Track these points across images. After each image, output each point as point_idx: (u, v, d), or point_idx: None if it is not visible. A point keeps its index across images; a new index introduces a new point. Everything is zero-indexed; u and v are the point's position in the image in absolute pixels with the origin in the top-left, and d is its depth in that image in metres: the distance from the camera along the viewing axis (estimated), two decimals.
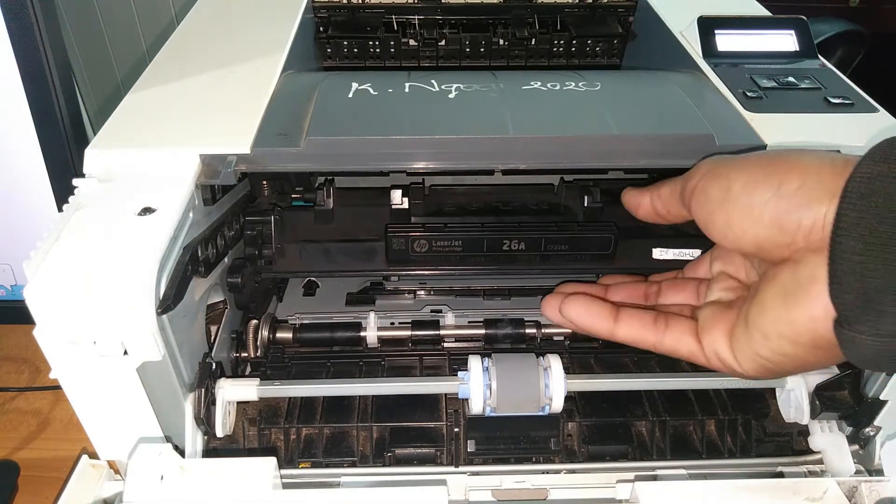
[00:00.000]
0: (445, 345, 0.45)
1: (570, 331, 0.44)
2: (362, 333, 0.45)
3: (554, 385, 0.36)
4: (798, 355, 0.27)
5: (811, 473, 0.37)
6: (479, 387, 0.36)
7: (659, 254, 0.42)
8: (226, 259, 0.41)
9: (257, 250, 0.43)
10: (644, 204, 0.34)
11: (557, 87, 0.42)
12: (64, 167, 0.47)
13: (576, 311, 0.33)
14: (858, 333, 0.24)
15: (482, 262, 0.44)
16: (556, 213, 0.46)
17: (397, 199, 0.45)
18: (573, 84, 0.42)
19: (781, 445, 0.39)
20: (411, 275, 0.47)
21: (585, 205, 0.44)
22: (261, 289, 0.47)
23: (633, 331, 0.32)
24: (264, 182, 0.45)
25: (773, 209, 0.26)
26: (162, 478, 0.31)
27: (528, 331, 0.44)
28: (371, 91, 0.41)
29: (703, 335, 0.30)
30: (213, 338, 0.40)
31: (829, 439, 0.37)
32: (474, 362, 0.37)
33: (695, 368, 0.33)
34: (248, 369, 0.43)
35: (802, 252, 0.26)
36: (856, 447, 0.37)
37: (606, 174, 0.47)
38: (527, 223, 0.44)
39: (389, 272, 0.45)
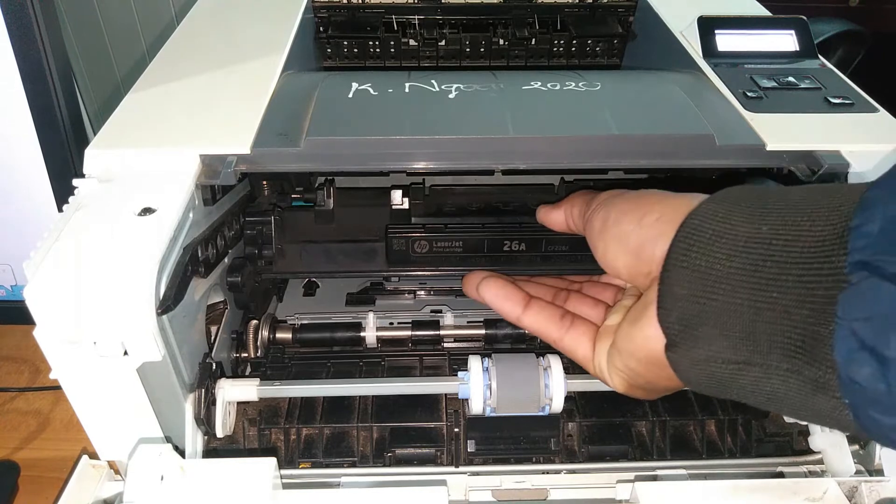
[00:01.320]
0: (445, 345, 0.45)
1: None
2: (362, 333, 0.45)
3: (554, 385, 0.36)
4: (642, 372, 0.28)
5: (811, 473, 0.37)
6: (479, 387, 0.36)
7: None
8: (226, 259, 0.41)
9: (257, 250, 0.44)
10: (559, 222, 0.37)
11: (557, 87, 0.42)
12: (64, 167, 0.47)
13: (490, 292, 0.36)
14: (679, 357, 0.26)
15: (483, 263, 0.44)
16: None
17: (398, 199, 0.45)
18: (573, 84, 0.42)
19: (781, 445, 0.39)
20: (412, 275, 0.47)
21: None
22: (261, 289, 0.47)
23: (538, 321, 0.34)
24: (264, 182, 0.45)
25: (636, 238, 0.28)
26: (162, 478, 0.31)
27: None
28: (371, 91, 0.41)
29: (598, 343, 0.32)
30: (213, 338, 0.40)
31: (829, 439, 0.37)
32: (474, 362, 0.37)
33: None
34: (248, 369, 0.43)
35: (655, 279, 0.27)
36: (856, 447, 0.37)
37: (606, 174, 0.47)
38: (527, 223, 0.44)
39: (390, 273, 0.46)
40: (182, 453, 0.35)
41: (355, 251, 0.45)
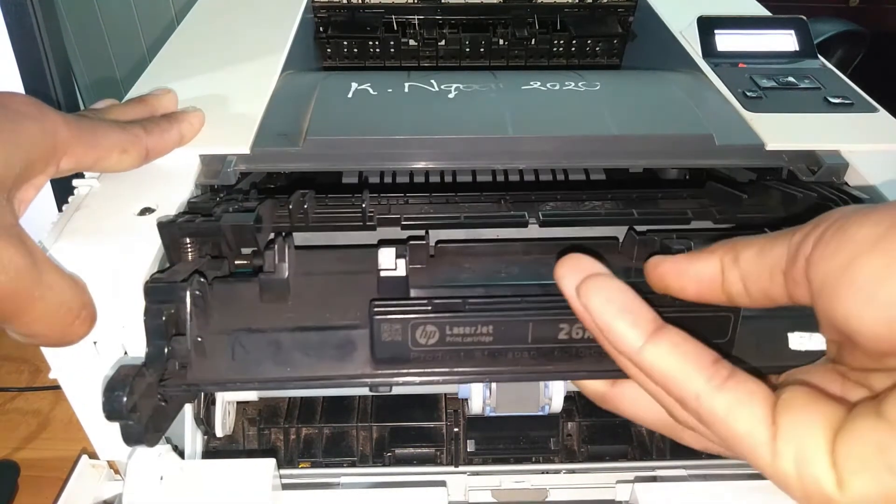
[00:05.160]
0: None
1: None
2: None
3: (553, 384, 0.36)
4: None
5: None
6: (478, 386, 0.36)
7: (799, 341, 0.26)
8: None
9: (166, 346, 0.27)
10: (706, 278, 0.22)
11: (557, 87, 0.42)
12: None
13: (600, 297, 0.21)
14: None
15: (528, 361, 0.27)
16: (626, 278, 0.25)
17: (388, 262, 0.29)
18: (573, 84, 0.42)
19: None
20: (413, 381, 0.28)
21: None
22: (169, 410, 0.29)
23: (674, 357, 0.20)
24: (186, 239, 0.30)
25: None
26: (161, 478, 0.31)
27: None
28: (371, 91, 0.41)
29: (784, 414, 0.18)
30: None
31: None
32: None
33: None
34: None
35: None
36: None
37: (688, 224, 0.34)
38: None
39: (377, 379, 0.28)
40: (182, 453, 0.35)
41: (321, 344, 0.28)
